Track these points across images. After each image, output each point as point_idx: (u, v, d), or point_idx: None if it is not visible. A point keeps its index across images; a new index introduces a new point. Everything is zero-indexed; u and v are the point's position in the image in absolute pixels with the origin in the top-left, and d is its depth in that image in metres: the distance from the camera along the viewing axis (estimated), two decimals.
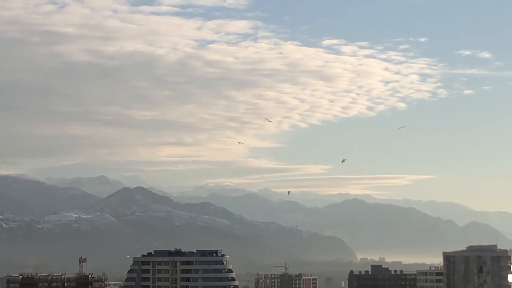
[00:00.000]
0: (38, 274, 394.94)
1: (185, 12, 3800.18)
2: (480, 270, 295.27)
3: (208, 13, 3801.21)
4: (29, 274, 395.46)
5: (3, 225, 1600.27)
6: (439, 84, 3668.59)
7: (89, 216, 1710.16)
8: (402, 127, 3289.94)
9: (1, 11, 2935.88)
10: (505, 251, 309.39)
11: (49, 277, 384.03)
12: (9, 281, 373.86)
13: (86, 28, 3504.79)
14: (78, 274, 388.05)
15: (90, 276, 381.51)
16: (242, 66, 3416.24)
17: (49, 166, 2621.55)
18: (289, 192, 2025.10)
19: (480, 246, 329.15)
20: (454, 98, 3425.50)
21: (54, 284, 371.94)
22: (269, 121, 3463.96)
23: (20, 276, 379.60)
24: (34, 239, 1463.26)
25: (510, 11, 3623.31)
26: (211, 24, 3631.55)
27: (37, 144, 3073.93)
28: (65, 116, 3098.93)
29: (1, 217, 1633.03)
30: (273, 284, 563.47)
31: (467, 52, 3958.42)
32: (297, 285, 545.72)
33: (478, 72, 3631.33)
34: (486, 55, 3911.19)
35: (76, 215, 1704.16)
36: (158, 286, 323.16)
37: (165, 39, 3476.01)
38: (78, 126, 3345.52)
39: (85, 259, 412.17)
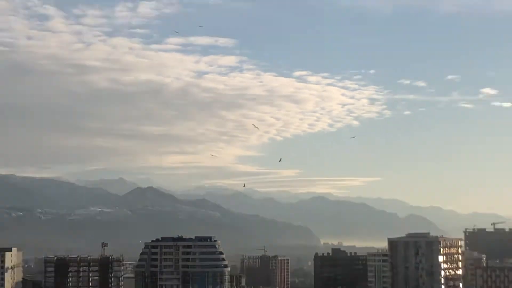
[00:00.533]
0: (69, 256, 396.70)
1: (186, 49, 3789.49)
2: (417, 253, 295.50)
3: (204, 50, 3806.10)
4: (62, 256, 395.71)
5: (42, 217, 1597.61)
6: (384, 106, 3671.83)
7: (110, 210, 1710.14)
8: (353, 137, 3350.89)
9: (42, 49, 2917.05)
10: (436, 237, 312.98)
11: (78, 258, 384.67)
12: (47, 261, 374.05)
13: (108, 62, 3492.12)
14: (101, 256, 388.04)
15: (110, 257, 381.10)
16: (231, 92, 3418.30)
17: (78, 170, 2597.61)
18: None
19: (417, 233, 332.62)
20: (396, 118, 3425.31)
21: (82, 263, 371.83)
22: (255, 127, 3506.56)
23: (55, 257, 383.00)
24: (66, 228, 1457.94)
25: (439, 46, 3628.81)
26: (206, 58, 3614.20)
27: (69, 153, 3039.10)
28: (91, 131, 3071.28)
29: (40, 210, 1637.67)
30: (255, 263, 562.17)
31: (407, 82, 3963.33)
32: (274, 264, 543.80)
33: (415, 97, 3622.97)
34: (421, 84, 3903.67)
35: (100, 209, 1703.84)
36: (164, 265, 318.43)
37: (170, 71, 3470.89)
38: (101, 139, 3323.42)
39: (107, 244, 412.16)
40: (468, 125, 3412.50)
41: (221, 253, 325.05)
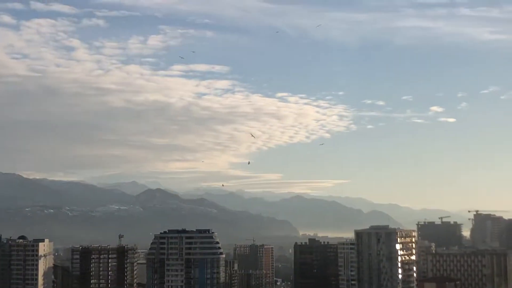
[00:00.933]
0: (92, 246, 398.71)
1: (187, 75, 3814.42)
2: (378, 242, 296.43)
3: (203, 76, 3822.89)
4: (86, 246, 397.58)
5: (69, 213, 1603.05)
6: (351, 121, 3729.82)
7: (125, 207, 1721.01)
8: (322, 144, 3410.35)
9: (68, 74, 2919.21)
10: (394, 229, 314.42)
11: (99, 247, 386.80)
12: (73, 250, 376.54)
13: (122, 85, 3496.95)
14: (118, 245, 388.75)
15: (125, 246, 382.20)
16: (224, 110, 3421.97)
17: (98, 175, 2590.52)
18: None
19: (378, 226, 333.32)
20: (360, 131, 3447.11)
21: (102, 252, 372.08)
22: (252, 135, 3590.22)
23: (80, 247, 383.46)
24: (89, 223, 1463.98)
25: (395, 72, 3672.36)
26: (204, 82, 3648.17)
27: (91, 161, 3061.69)
28: (109, 142, 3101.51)
29: (68, 208, 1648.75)
30: (245, 251, 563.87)
31: (369, 101, 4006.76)
32: (261, 252, 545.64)
33: (376, 114, 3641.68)
34: (381, 103, 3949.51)
35: (117, 207, 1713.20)
36: (170, 253, 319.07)
37: (174, 92, 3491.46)
38: (117, 149, 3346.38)
39: (123, 235, 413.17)
40: (419, 136, 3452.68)
41: (217, 243, 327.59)
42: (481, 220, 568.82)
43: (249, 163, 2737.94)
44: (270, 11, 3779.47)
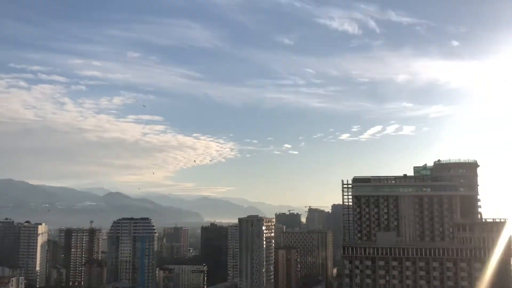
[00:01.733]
0: (72, 227, 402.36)
1: (137, 121, 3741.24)
2: (252, 225, 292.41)
3: (147, 122, 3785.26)
4: (69, 227, 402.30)
5: (58, 207, 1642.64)
6: (237, 152, 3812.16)
7: (95, 203, 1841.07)
8: (211, 160, 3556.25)
9: (60, 119, 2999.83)
10: (262, 218, 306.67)
11: (77, 228, 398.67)
12: (60, 230, 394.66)
13: (96, 127, 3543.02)
14: (89, 228, 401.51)
15: (94, 228, 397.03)
16: (160, 143, 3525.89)
17: (78, 183, 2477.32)
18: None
19: (252, 215, 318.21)
20: (243, 157, 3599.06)
21: (79, 231, 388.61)
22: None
23: (65, 228, 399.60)
24: (71, 213, 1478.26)
25: (264, 123, 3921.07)
26: (148, 126, 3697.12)
27: (74, 174, 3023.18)
28: (86, 162, 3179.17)
29: (58, 203, 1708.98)
30: (171, 232, 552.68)
31: (248, 140, 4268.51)
32: (181, 232, 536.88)
33: (252, 148, 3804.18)
34: (254, 141, 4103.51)
35: (90, 203, 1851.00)
36: (123, 233, 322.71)
37: (129, 132, 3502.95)
38: (91, 167, 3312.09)
39: (93, 221, 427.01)
40: (277, 162, 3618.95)
41: (153, 226, 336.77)
42: (312, 212, 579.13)
43: (153, 173, 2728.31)
44: (190, 84, 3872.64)
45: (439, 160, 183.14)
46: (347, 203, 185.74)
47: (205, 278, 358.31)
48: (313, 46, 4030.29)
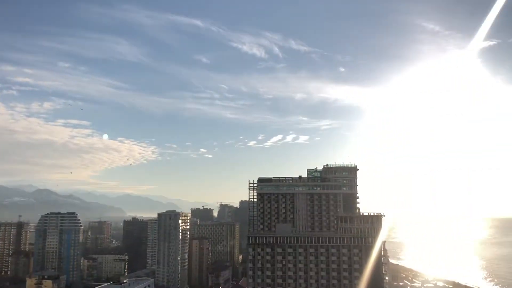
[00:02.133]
0: (1, 221, 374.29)
1: (66, 125, 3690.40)
2: (170, 219, 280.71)
3: (75, 126, 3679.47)
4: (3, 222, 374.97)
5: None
6: (158, 155, 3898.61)
7: (25, 199, 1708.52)
8: (131, 164, 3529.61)
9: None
10: (179, 212, 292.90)
11: (6, 222, 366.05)
12: None
13: (26, 129, 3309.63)
14: (18, 221, 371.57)
15: (22, 222, 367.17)
16: (87, 146, 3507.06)
17: (8, 180, 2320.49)
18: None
19: (170, 211, 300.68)
20: (164, 159, 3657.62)
21: (7, 224, 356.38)
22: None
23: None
24: (2, 208, 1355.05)
25: (185, 129, 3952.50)
26: (76, 130, 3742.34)
27: (5, 172, 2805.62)
28: (17, 161, 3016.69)
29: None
30: (95, 225, 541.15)
31: (168, 144, 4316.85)
32: (105, 225, 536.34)
33: (172, 152, 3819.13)
34: (174, 145, 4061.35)
35: (19, 199, 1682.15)
36: (50, 226, 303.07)
37: (58, 135, 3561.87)
38: (21, 165, 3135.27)
39: (21, 215, 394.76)
40: (193, 164, 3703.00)
41: (78, 220, 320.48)
42: (223, 207, 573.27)
43: (71, 172, 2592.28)
44: (116, 93, 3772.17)
45: (327, 165, 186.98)
46: (252, 200, 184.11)
47: (126, 266, 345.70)
48: (227, 65, 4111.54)
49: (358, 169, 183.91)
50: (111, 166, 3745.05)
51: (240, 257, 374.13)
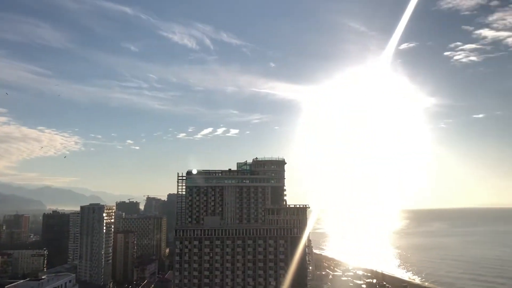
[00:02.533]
0: None
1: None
2: (93, 212, 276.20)
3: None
4: None
5: None
6: (82, 146, 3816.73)
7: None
8: (65, 157, 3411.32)
9: None
10: (103, 205, 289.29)
11: None
12: None
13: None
14: None
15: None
16: (3, 134, 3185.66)
17: None
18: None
19: (93, 203, 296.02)
20: (88, 151, 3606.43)
21: None
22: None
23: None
24: None
25: (106, 120, 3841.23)
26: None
27: None
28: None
29: None
30: (11, 218, 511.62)
31: (92, 135, 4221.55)
32: (21, 219, 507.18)
33: (96, 142, 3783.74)
34: (99, 136, 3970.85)
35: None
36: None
37: None
38: None
39: None
40: (120, 156, 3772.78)
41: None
42: (150, 200, 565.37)
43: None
44: (37, 79, 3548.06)
45: (256, 158, 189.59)
46: (181, 193, 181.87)
47: (45, 261, 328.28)
48: (156, 55, 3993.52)
49: (286, 163, 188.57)
50: (29, 156, 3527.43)
51: (167, 250, 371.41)
